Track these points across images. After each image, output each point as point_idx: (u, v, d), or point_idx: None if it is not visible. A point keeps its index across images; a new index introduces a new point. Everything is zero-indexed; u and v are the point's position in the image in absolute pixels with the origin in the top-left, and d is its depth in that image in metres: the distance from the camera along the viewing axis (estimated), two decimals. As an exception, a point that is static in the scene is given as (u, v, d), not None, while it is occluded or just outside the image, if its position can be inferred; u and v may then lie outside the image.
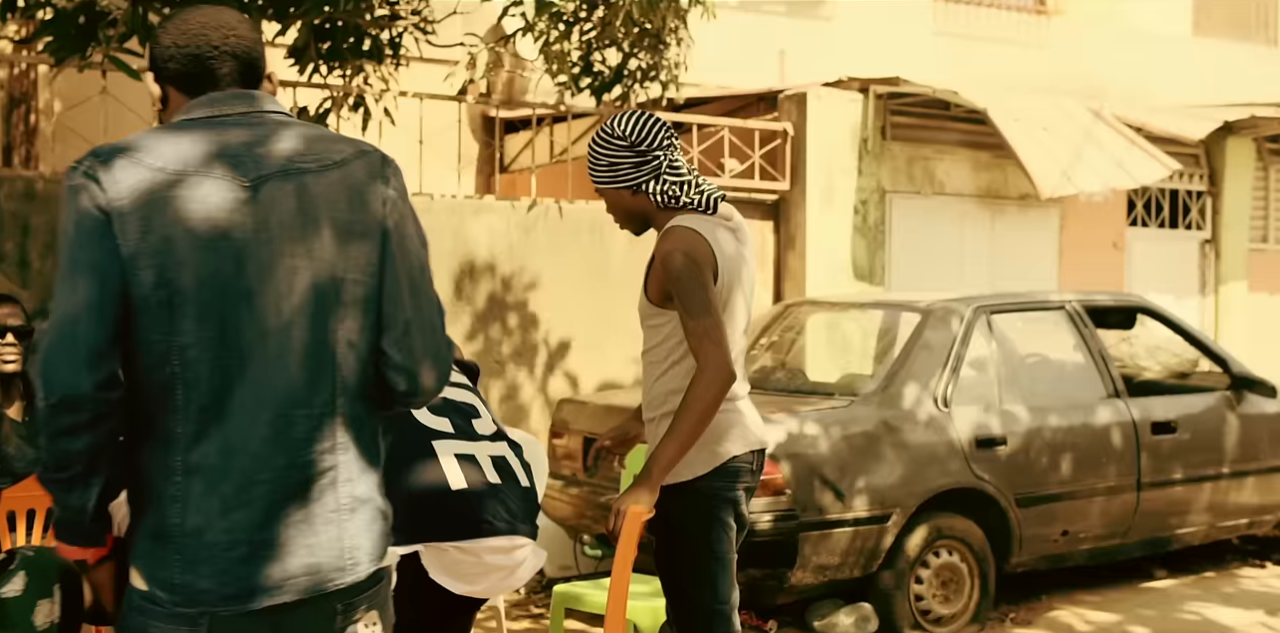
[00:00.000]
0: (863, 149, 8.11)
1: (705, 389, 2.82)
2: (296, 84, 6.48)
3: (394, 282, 1.89)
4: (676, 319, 2.94)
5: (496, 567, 2.47)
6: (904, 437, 5.17)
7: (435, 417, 2.51)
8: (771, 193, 8.04)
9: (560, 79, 8.61)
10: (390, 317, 1.89)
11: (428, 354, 1.91)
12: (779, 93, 8.26)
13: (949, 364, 5.38)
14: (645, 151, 2.98)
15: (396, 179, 1.94)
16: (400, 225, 1.90)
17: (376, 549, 1.89)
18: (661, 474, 2.86)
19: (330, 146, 1.91)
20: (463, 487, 2.45)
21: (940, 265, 8.45)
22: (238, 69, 1.93)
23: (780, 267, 8.11)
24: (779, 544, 4.87)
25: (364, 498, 1.88)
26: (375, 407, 1.93)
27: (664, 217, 3.04)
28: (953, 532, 5.29)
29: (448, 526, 2.42)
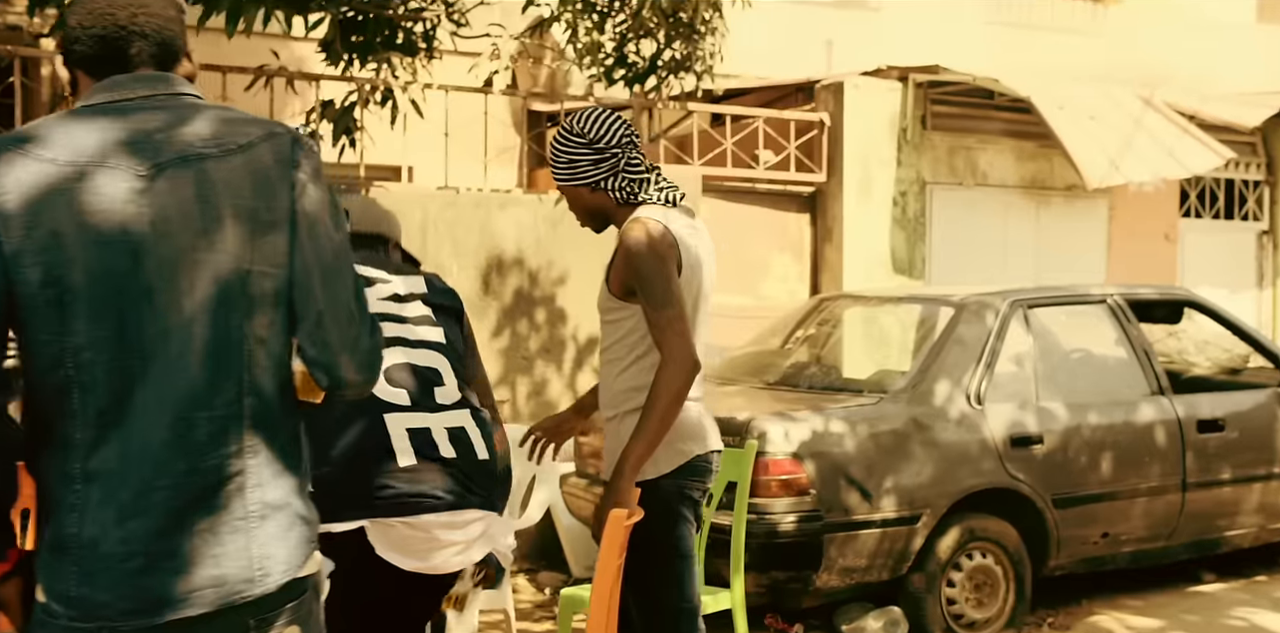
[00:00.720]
0: (902, 139, 7.92)
1: (671, 382, 2.79)
2: (320, 77, 6.41)
3: (303, 271, 1.78)
4: (638, 313, 2.90)
5: (449, 542, 2.40)
6: (935, 435, 5.00)
7: (392, 388, 2.43)
8: (808, 185, 7.88)
9: (592, 71, 8.54)
10: (301, 308, 1.78)
11: (345, 347, 1.80)
12: (816, 83, 8.10)
13: (983, 360, 5.20)
14: (603, 149, 2.98)
15: (309, 161, 1.83)
16: (310, 210, 1.80)
17: (292, 559, 1.78)
18: (634, 471, 2.82)
19: (236, 129, 1.80)
20: (411, 463, 2.37)
21: (983, 258, 8.25)
22: (149, 50, 1.83)
23: (817, 260, 7.95)
24: (803, 546, 4.72)
25: (277, 504, 1.77)
26: (296, 406, 1.83)
27: (624, 213, 3.01)
28: (986, 534, 5.11)
29: (394, 501, 2.35)
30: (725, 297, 7.64)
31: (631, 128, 3.03)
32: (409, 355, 2.48)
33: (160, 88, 1.81)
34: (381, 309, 2.50)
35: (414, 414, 2.41)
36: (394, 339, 2.48)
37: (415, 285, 2.64)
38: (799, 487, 4.71)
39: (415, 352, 2.49)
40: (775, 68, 8.89)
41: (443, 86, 6.54)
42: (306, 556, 1.80)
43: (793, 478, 4.70)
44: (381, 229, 2.79)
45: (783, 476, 4.70)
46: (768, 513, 4.67)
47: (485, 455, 2.49)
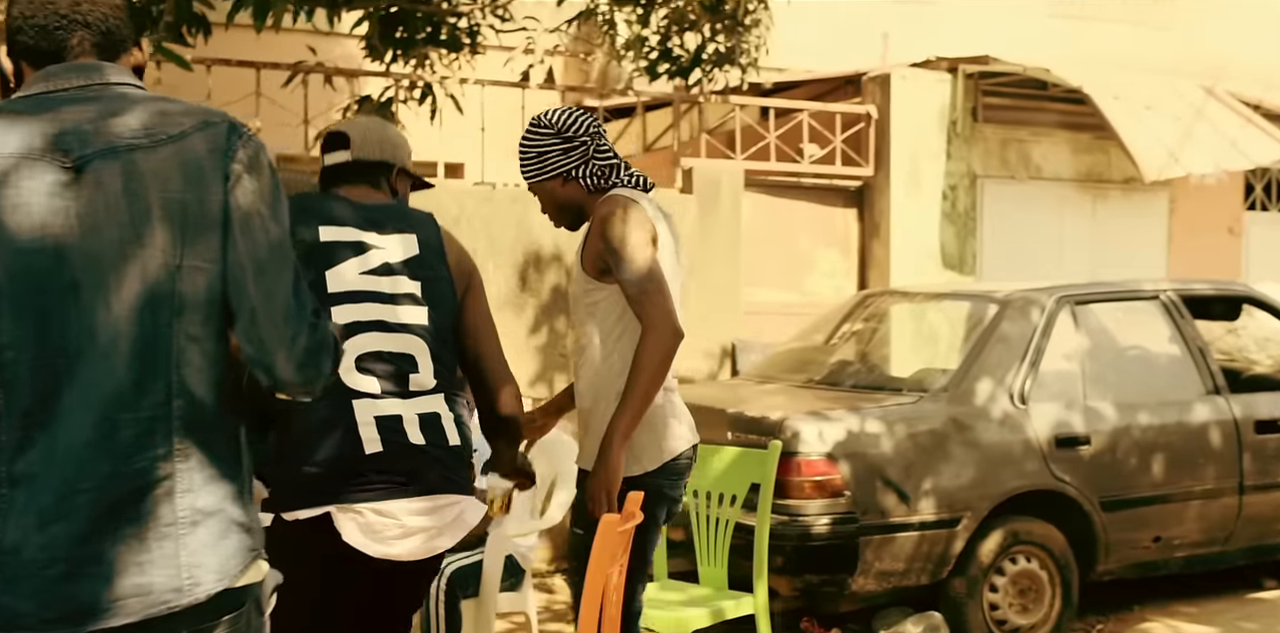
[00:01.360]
0: (952, 132, 7.74)
1: (654, 350, 2.72)
2: (358, 73, 6.38)
3: (236, 266, 1.71)
4: (616, 293, 2.84)
5: (419, 528, 2.35)
6: (976, 435, 4.85)
7: (361, 376, 2.37)
8: (855, 179, 7.72)
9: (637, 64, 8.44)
10: (235, 305, 1.71)
11: (281, 345, 1.73)
12: (863, 75, 7.93)
13: (1027, 358, 5.04)
14: (571, 138, 2.95)
15: (247, 150, 1.75)
16: (243, 203, 1.72)
17: (226, 568, 1.70)
18: (623, 441, 2.76)
19: (169, 119, 1.73)
20: (377, 450, 2.32)
21: (1037, 254, 8.04)
22: (91, 39, 1.78)
23: (865, 255, 7.79)
24: (838, 549, 4.60)
25: (209, 510, 1.70)
26: (235, 406, 1.76)
27: (594, 202, 2.96)
28: (1031, 537, 4.95)
29: (359, 488, 2.30)
30: (770, 293, 7.52)
31: (598, 121, 3.01)
32: (385, 342, 2.40)
33: (95, 77, 1.76)
34: (365, 286, 2.41)
35: (384, 401, 2.36)
36: (374, 323, 2.40)
37: (409, 247, 2.49)
38: (833, 488, 4.59)
39: (393, 337, 2.41)
40: (831, 62, 8.70)
41: (479, 81, 6.47)
42: (244, 564, 1.73)
43: (827, 479, 4.58)
44: (386, 156, 2.63)
45: (816, 477, 4.59)
46: (801, 515, 4.56)
47: (457, 441, 2.44)
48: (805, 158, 7.49)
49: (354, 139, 2.60)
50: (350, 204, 2.51)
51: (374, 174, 2.60)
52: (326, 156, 2.62)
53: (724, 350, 6.90)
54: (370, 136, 2.61)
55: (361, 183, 2.59)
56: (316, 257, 2.39)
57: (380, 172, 2.61)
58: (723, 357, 6.90)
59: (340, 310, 2.37)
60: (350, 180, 2.59)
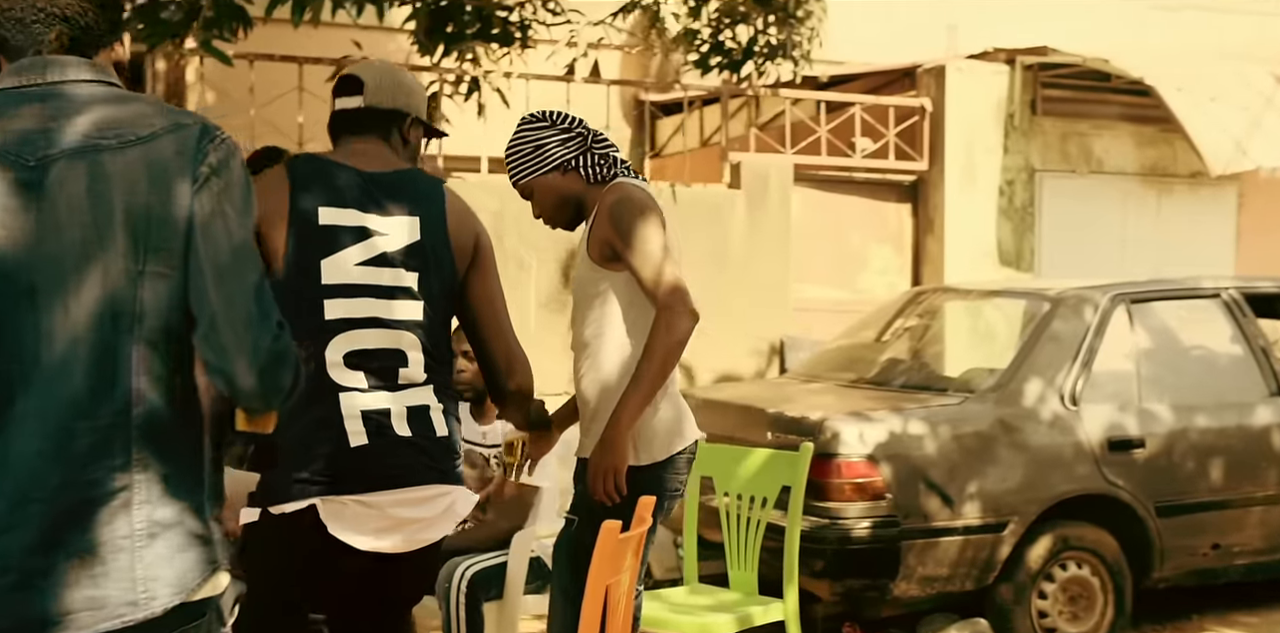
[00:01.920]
0: (1009, 125, 7.55)
1: (671, 330, 2.66)
2: (407, 68, 6.34)
3: (197, 271, 1.66)
4: (623, 281, 2.78)
5: (408, 519, 2.30)
6: (1024, 437, 4.70)
7: (350, 371, 2.31)
8: (909, 173, 7.57)
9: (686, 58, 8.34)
10: (196, 311, 1.67)
11: (243, 351, 1.67)
12: (917, 68, 7.78)
13: (1079, 358, 4.87)
14: (568, 129, 2.90)
15: (218, 154, 1.70)
16: (208, 206, 1.67)
17: (184, 581, 1.65)
18: (631, 421, 2.70)
19: (140, 120, 1.68)
20: (363, 443, 2.28)
21: (1098, 250, 7.82)
22: (69, 34, 1.73)
23: (918, 251, 7.64)
24: (879, 553, 4.48)
25: (167, 522, 1.65)
26: (197, 415, 1.72)
27: (594, 193, 2.89)
28: (1082, 543, 4.79)
29: (344, 479, 2.26)
30: (821, 289, 7.39)
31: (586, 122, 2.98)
32: (378, 338, 2.34)
33: (69, 74, 1.71)
34: (362, 279, 2.33)
35: (371, 395, 2.31)
36: (368, 320, 2.33)
37: (411, 232, 2.38)
38: (874, 491, 4.48)
39: (386, 333, 2.35)
40: (896, 56, 8.50)
41: (524, 75, 6.41)
42: (203, 577, 1.68)
43: (867, 481, 4.47)
44: (400, 104, 2.50)
45: (857, 479, 4.47)
46: (841, 518, 4.45)
47: (445, 432, 2.38)
48: (857, 152, 7.35)
49: (368, 84, 2.48)
50: (355, 176, 2.39)
51: (386, 123, 2.49)
52: (338, 100, 2.51)
53: (772, 348, 6.80)
54: (385, 82, 2.49)
55: (372, 133, 2.48)
56: (314, 241, 2.31)
57: (393, 121, 2.50)
58: (771, 354, 6.79)
59: (334, 304, 2.31)
60: (360, 129, 2.48)
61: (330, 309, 2.30)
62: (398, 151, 2.50)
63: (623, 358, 2.81)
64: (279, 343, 1.72)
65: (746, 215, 6.75)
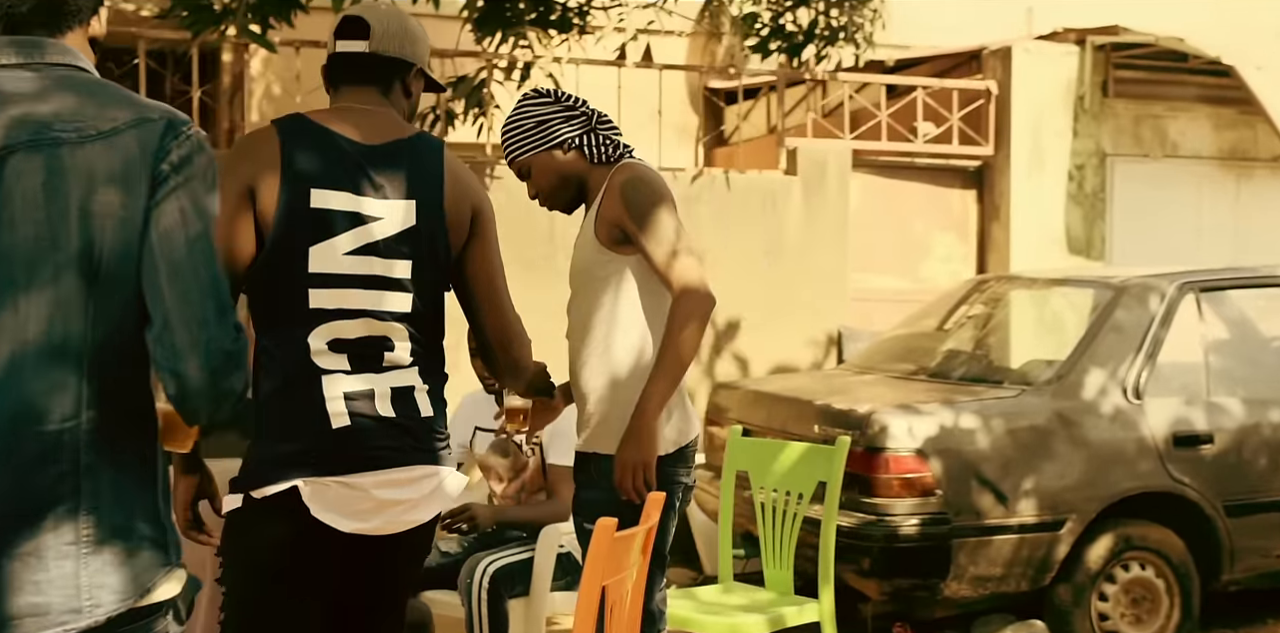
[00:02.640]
0: (1079, 108, 7.28)
1: (691, 311, 2.57)
2: (454, 54, 6.26)
3: (151, 269, 1.60)
4: (630, 265, 2.68)
5: (392, 501, 2.22)
6: (1083, 432, 4.50)
7: (333, 354, 2.22)
8: (973, 158, 7.33)
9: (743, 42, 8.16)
10: (150, 308, 1.60)
11: (196, 351, 1.60)
12: (983, 50, 7.54)
13: (1143, 349, 4.66)
14: (573, 107, 2.80)
15: (182, 150, 1.63)
16: (166, 205, 1.61)
17: (129, 588, 1.60)
18: (659, 410, 2.60)
19: (104, 113, 1.61)
20: (345, 424, 2.20)
21: (1172, 238, 7.52)
22: (44, 7, 1.65)
23: (984, 239, 7.40)
24: (929, 551, 4.32)
25: (117, 527, 1.60)
26: (150, 418, 1.68)
27: (598, 175, 2.77)
28: (1145, 542, 4.58)
29: (326, 460, 2.18)
30: (881, 278, 7.20)
31: None
32: (364, 328, 2.24)
33: (36, 55, 1.64)
34: (352, 269, 2.22)
35: (354, 377, 2.22)
36: (355, 312, 2.23)
37: (407, 217, 2.25)
38: (923, 487, 4.31)
39: (373, 323, 2.25)
40: (969, 39, 8.22)
41: (573, 60, 6.30)
42: (155, 580, 1.63)
43: (916, 477, 4.30)
44: (405, 53, 2.32)
45: (905, 474, 4.31)
46: (889, 514, 4.29)
47: (430, 412, 2.29)
48: (919, 137, 7.14)
49: (374, 28, 2.29)
50: (351, 150, 2.24)
51: (389, 73, 2.32)
52: (339, 42, 2.31)
53: (830, 338, 6.63)
54: (392, 27, 2.31)
55: (372, 84, 2.32)
56: (303, 226, 2.19)
57: (396, 71, 2.33)
58: (828, 345, 6.62)
59: (319, 294, 2.20)
60: (360, 78, 2.32)
61: (315, 298, 2.20)
62: (398, 105, 2.36)
63: (637, 345, 2.70)
64: (235, 344, 1.65)
65: (803, 203, 6.58)
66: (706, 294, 2.61)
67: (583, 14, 6.75)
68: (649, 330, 2.69)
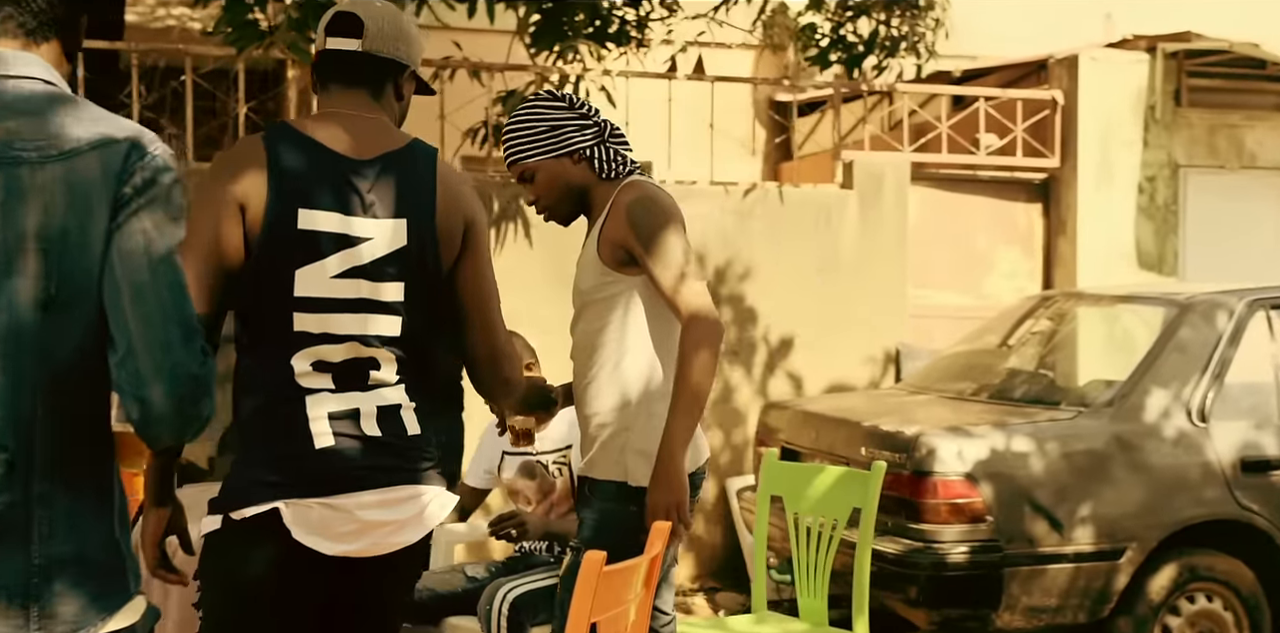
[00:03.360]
0: (1149, 117, 7.03)
1: (705, 341, 2.47)
2: (501, 67, 6.21)
3: (113, 292, 1.55)
4: (634, 287, 2.57)
5: (377, 523, 2.14)
6: (1144, 456, 4.30)
7: (318, 374, 2.14)
8: (1038, 171, 7.11)
9: (799, 53, 8.03)
10: (114, 333, 1.56)
11: (161, 377, 1.55)
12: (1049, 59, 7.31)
13: (1209, 369, 4.44)
14: (587, 115, 2.69)
15: (145, 172, 1.57)
16: (129, 227, 1.56)
17: (85, 616, 1.56)
18: (682, 452, 2.49)
19: (66, 131, 1.56)
20: (328, 444, 2.11)
21: (1250, 253, 7.22)
22: (17, 19, 1.62)
23: (1049, 254, 7.17)
24: (979, 580, 4.15)
25: (70, 556, 1.56)
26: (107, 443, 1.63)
27: (603, 190, 2.67)
28: (1212, 573, 4.36)
29: (308, 481, 2.10)
30: (942, 295, 7.00)
31: None
32: (350, 352, 2.16)
33: (2, 68, 1.59)
34: (340, 293, 2.13)
35: (340, 395, 2.14)
36: (341, 337, 2.15)
37: (397, 236, 2.15)
38: (973, 512, 4.14)
39: (359, 347, 2.16)
40: (1044, 48, 7.97)
41: (623, 73, 6.21)
42: (111, 609, 1.59)
43: (966, 502, 4.14)
44: (400, 53, 2.23)
45: (954, 499, 4.15)
46: (937, 541, 4.13)
47: (417, 430, 2.20)
48: (981, 149, 6.93)
49: (369, 26, 2.19)
50: (340, 166, 2.14)
51: (381, 74, 2.23)
52: (330, 40, 2.22)
53: (887, 356, 6.44)
54: (387, 27, 2.21)
55: (363, 85, 2.22)
56: (288, 248, 2.10)
57: (389, 73, 2.23)
58: (886, 363, 6.44)
59: (305, 318, 2.12)
60: (351, 79, 2.22)
61: (300, 322, 2.12)
62: (390, 109, 2.26)
63: (643, 370, 2.60)
64: (202, 369, 1.60)
65: (860, 217, 6.41)
66: (715, 321, 2.51)
67: (641, 27, 6.66)
68: (654, 355, 2.60)
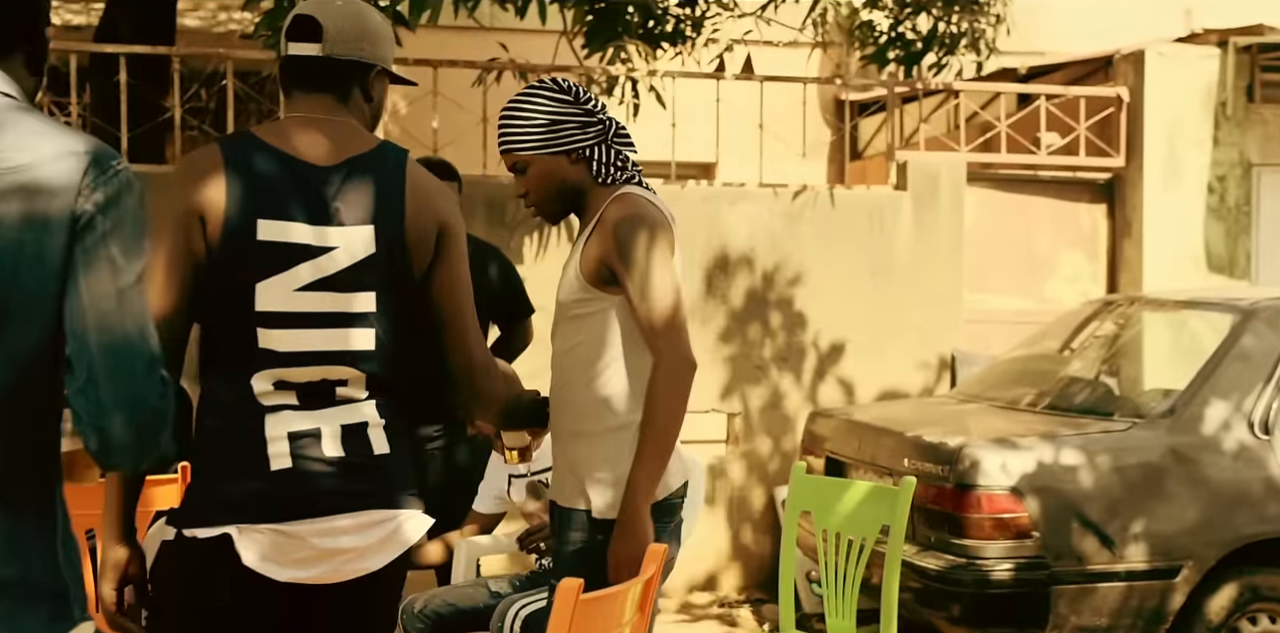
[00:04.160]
0: (1220, 114, 6.76)
1: (674, 387, 2.35)
2: (547, 69, 6.13)
3: (78, 320, 1.50)
4: (613, 306, 2.43)
5: (336, 550, 2.03)
6: (1202, 470, 4.11)
7: (280, 392, 2.04)
8: (1103, 171, 6.87)
9: (850, 51, 7.86)
10: (74, 361, 1.51)
11: (122, 407, 1.51)
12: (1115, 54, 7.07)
13: (1274, 379, 4.23)
14: (591, 112, 2.52)
15: (107, 189, 1.52)
16: (91, 248, 1.51)
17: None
18: (647, 501, 2.36)
19: (21, 144, 1.51)
20: (285, 466, 2.01)
21: (1328, 254, 6.92)
22: None
23: (1115, 257, 6.92)
24: (1024, 598, 3.99)
25: (8, 582, 1.51)
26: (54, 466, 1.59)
27: (598, 194, 2.52)
28: (1275, 593, 4.15)
29: (261, 505, 2.00)
30: (1001, 299, 6.80)
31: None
32: (318, 373, 2.06)
33: None
34: (303, 307, 2.03)
35: (301, 413, 2.04)
36: (308, 355, 2.04)
37: (365, 244, 2.05)
38: (1019, 528, 3.98)
39: (328, 368, 2.06)
40: (1118, 43, 7.69)
41: (668, 73, 6.09)
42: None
43: (1011, 517, 3.98)
44: (364, 53, 2.12)
45: (999, 514, 3.99)
46: (980, 558, 3.98)
47: (385, 449, 2.08)
48: (1042, 148, 6.71)
49: (327, 29, 2.10)
50: (303, 173, 2.05)
51: (345, 78, 2.13)
52: (291, 45, 2.13)
53: (942, 362, 6.26)
54: (348, 27, 2.12)
55: (327, 90, 2.12)
56: (248, 260, 2.01)
57: (354, 75, 2.13)
58: (940, 369, 6.25)
59: (269, 334, 2.02)
60: (313, 85, 2.12)
61: (265, 339, 2.02)
62: (359, 112, 2.16)
63: (600, 396, 2.44)
64: (163, 401, 1.55)
65: (914, 219, 6.23)
66: (688, 361, 2.38)
67: (697, 26, 6.54)
68: (626, 382, 2.43)
